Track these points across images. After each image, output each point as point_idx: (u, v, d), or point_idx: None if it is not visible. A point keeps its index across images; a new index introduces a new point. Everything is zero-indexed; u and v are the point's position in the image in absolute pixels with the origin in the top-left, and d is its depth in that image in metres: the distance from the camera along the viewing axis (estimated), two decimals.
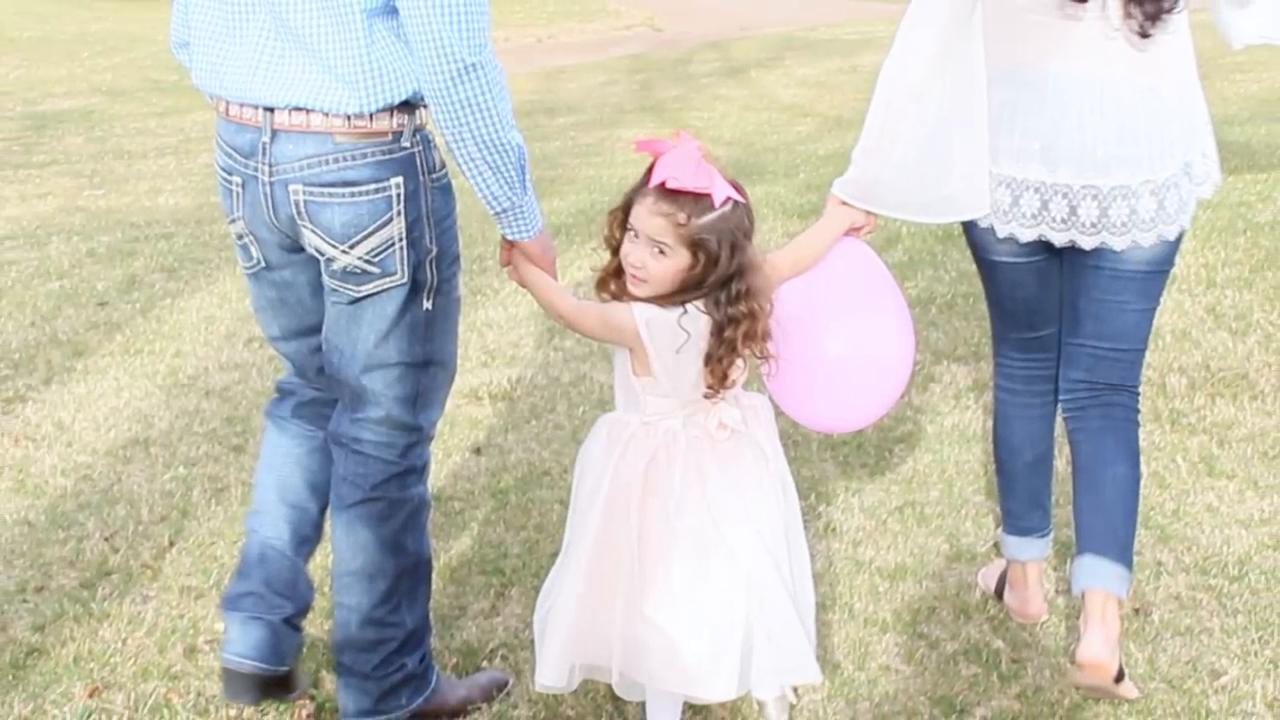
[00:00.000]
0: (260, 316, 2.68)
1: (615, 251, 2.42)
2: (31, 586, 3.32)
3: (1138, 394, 2.83)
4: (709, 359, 2.38)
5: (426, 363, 2.52)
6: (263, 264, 2.54)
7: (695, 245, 2.32)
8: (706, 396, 2.42)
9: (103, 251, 6.79)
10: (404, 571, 2.59)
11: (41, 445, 4.22)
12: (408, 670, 2.63)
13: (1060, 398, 2.89)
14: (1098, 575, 2.69)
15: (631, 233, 2.37)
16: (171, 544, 3.53)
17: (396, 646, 2.60)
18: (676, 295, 2.36)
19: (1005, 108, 2.63)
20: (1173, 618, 3.01)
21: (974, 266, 2.92)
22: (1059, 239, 2.66)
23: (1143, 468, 2.84)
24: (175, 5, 2.52)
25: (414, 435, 2.56)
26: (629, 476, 2.41)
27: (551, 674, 2.48)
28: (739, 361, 2.41)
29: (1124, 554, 2.72)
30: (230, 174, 2.46)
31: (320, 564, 2.92)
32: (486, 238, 5.66)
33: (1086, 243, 2.64)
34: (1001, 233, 2.71)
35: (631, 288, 2.39)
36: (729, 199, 2.33)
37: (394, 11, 2.26)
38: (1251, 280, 5.16)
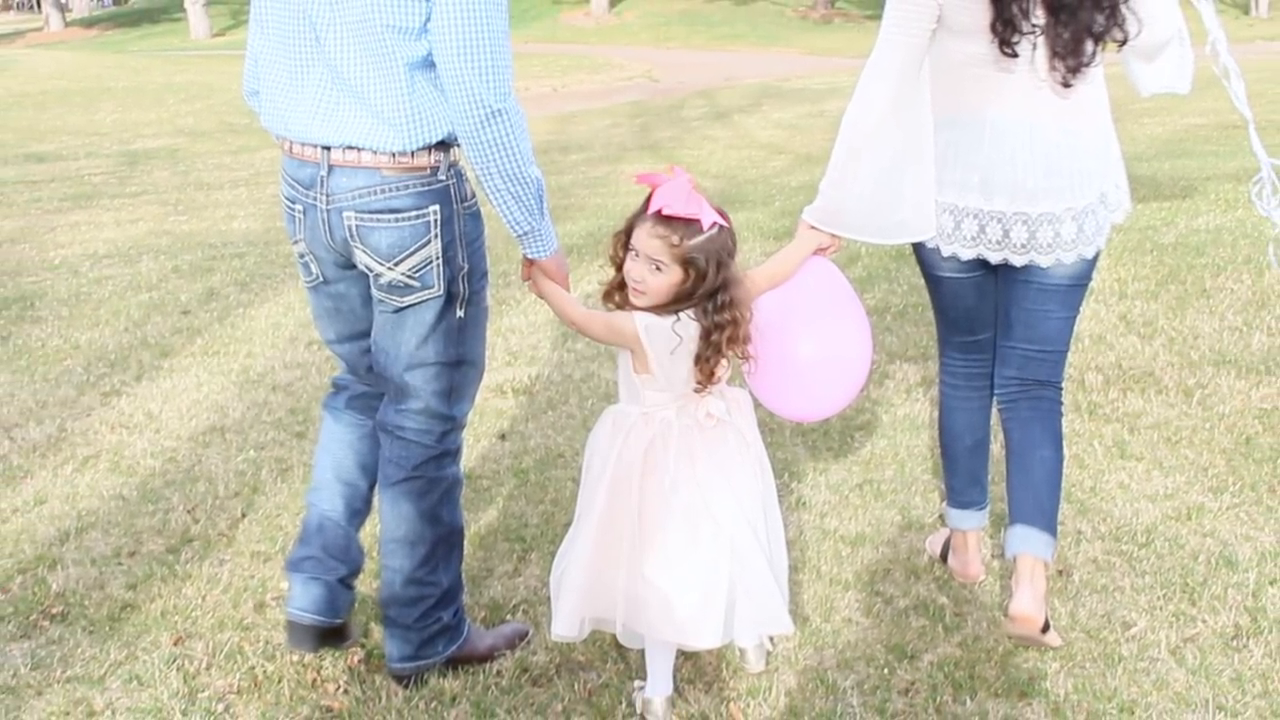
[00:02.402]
0: (318, 323, 2.68)
1: (619, 268, 2.41)
2: (125, 551, 3.32)
3: (1061, 389, 2.83)
4: (698, 359, 2.38)
5: (459, 362, 2.51)
6: (321, 279, 2.54)
7: (687, 263, 2.31)
8: (696, 391, 2.41)
9: (185, 268, 6.79)
10: (440, 539, 2.59)
11: (134, 432, 4.22)
12: (444, 622, 2.63)
13: (995, 392, 2.88)
14: (1027, 542, 2.69)
15: (632, 252, 2.36)
16: (244, 515, 3.52)
17: (434, 602, 2.60)
18: (671, 305, 2.36)
19: (949, 146, 2.63)
20: (1090, 578, 3.01)
21: (922, 280, 2.92)
22: (994, 257, 2.65)
23: (1065, 451, 2.84)
24: (247, 59, 2.52)
25: (449, 424, 2.55)
26: (630, 458, 2.40)
27: (565, 626, 2.48)
28: (724, 361, 2.41)
29: (1049, 524, 2.72)
30: (293, 202, 2.46)
31: (369, 533, 2.91)
32: (510, 256, 5.64)
33: (1018, 260, 2.63)
34: (946, 252, 2.70)
35: (633, 299, 2.38)
36: (715, 224, 2.33)
37: (432, 65, 2.26)
38: (1157, 292, 5.16)
